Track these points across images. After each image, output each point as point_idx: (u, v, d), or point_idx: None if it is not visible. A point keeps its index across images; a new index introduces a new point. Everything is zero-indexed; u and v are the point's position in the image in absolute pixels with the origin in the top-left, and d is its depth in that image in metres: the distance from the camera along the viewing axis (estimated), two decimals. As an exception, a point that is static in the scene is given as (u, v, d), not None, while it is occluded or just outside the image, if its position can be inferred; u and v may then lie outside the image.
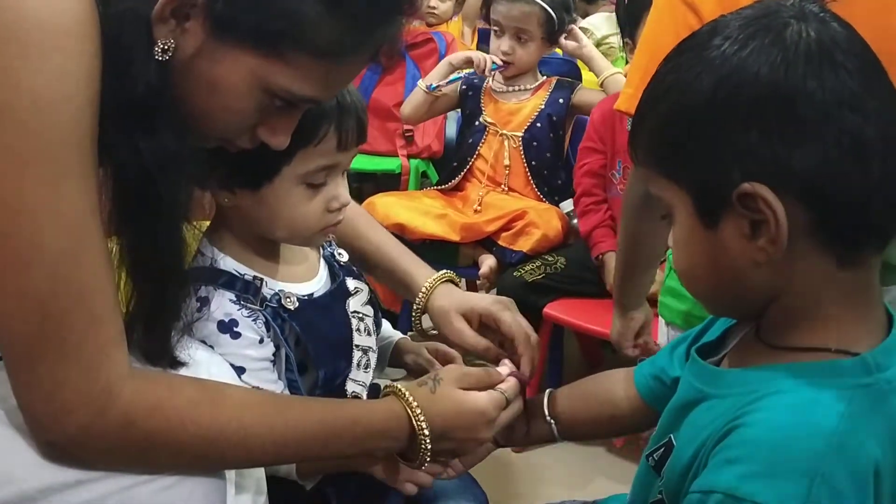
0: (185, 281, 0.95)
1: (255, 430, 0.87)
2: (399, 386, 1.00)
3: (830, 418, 0.67)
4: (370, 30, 0.84)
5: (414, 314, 1.21)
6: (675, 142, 0.73)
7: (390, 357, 1.27)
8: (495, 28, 2.38)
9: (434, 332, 1.22)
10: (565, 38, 2.41)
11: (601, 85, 2.37)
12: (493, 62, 2.37)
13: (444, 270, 1.23)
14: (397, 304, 2.33)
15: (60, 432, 0.78)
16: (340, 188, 1.06)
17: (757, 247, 0.70)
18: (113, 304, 0.81)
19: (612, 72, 2.34)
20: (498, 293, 2.19)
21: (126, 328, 0.85)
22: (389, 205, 2.31)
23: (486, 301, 1.18)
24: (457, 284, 1.23)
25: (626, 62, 2.45)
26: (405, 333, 2.45)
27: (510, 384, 1.04)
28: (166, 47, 0.80)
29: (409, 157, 2.99)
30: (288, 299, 1.05)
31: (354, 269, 1.19)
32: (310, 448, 0.92)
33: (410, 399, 0.97)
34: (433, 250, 2.30)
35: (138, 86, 0.79)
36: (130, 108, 0.79)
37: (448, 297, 1.19)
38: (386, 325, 1.28)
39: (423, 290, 1.20)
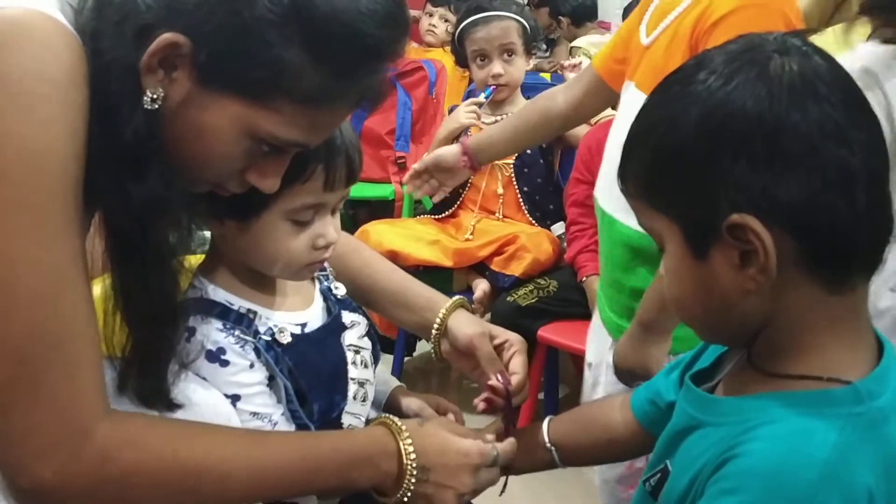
0: (177, 321, 0.95)
1: (234, 462, 0.87)
2: (389, 416, 1.01)
3: (823, 448, 0.67)
4: (355, 77, 0.84)
5: (435, 334, 1.19)
6: (664, 175, 0.74)
7: (385, 405, 1.26)
8: (478, 57, 2.39)
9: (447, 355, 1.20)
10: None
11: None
12: (482, 94, 2.37)
13: (458, 296, 1.22)
14: (394, 329, 2.33)
15: (35, 477, 0.78)
16: (328, 226, 1.05)
17: (747, 276, 0.70)
18: (92, 350, 0.81)
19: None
20: (492, 318, 2.20)
21: (122, 372, 0.85)
22: (382, 232, 2.33)
23: (515, 335, 1.17)
24: (469, 310, 1.22)
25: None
26: (402, 359, 2.47)
27: (507, 446, 1.05)
28: (155, 96, 0.80)
29: (402, 183, 3.00)
30: (282, 333, 1.05)
31: (352, 302, 1.19)
32: (293, 480, 0.91)
33: (400, 425, 0.97)
34: (427, 276, 2.30)
35: (127, 134, 0.79)
36: (120, 155, 0.80)
37: (473, 317, 1.19)
38: (384, 372, 1.27)
39: (447, 307, 1.19)
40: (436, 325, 1.18)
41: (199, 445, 0.86)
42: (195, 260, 1.08)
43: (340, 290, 1.18)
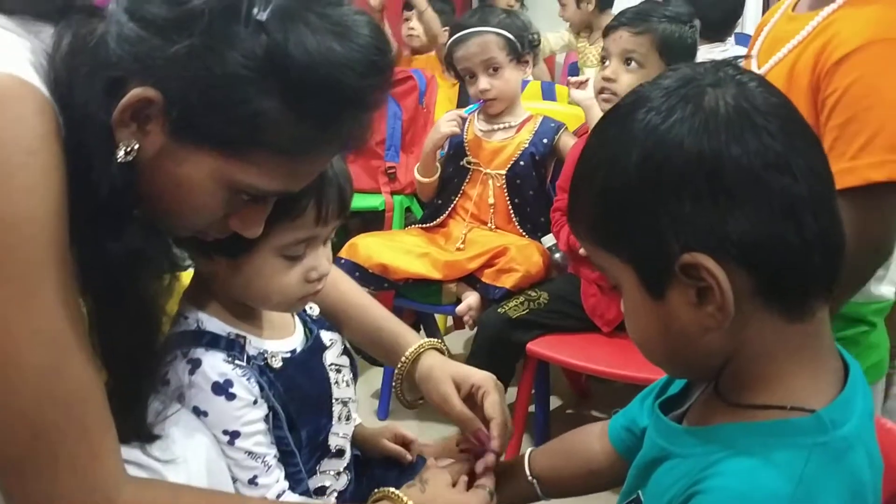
0: (157, 363, 0.95)
1: None
2: (391, 489, 1.01)
3: (788, 482, 0.67)
4: (336, 127, 0.82)
5: (396, 381, 1.17)
6: (610, 218, 0.73)
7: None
8: (466, 75, 2.37)
9: (420, 401, 1.20)
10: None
11: None
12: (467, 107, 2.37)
13: (432, 338, 1.21)
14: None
15: None
16: (321, 259, 1.05)
17: (706, 314, 0.70)
18: (103, 412, 0.81)
19: None
20: (481, 330, 2.19)
21: None
22: (371, 245, 2.32)
23: (481, 374, 1.14)
24: (443, 353, 1.19)
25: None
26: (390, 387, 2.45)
27: (488, 477, 1.06)
28: (129, 149, 0.79)
29: (392, 193, 3.01)
30: (273, 358, 1.05)
31: (324, 320, 1.19)
32: None
33: (405, 498, 0.98)
34: (416, 289, 2.30)
35: (102, 189, 0.78)
36: (96, 212, 0.79)
37: (441, 361, 1.16)
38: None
39: (407, 354, 1.16)
40: (397, 376, 1.17)
41: None
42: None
43: (315, 309, 1.18)
